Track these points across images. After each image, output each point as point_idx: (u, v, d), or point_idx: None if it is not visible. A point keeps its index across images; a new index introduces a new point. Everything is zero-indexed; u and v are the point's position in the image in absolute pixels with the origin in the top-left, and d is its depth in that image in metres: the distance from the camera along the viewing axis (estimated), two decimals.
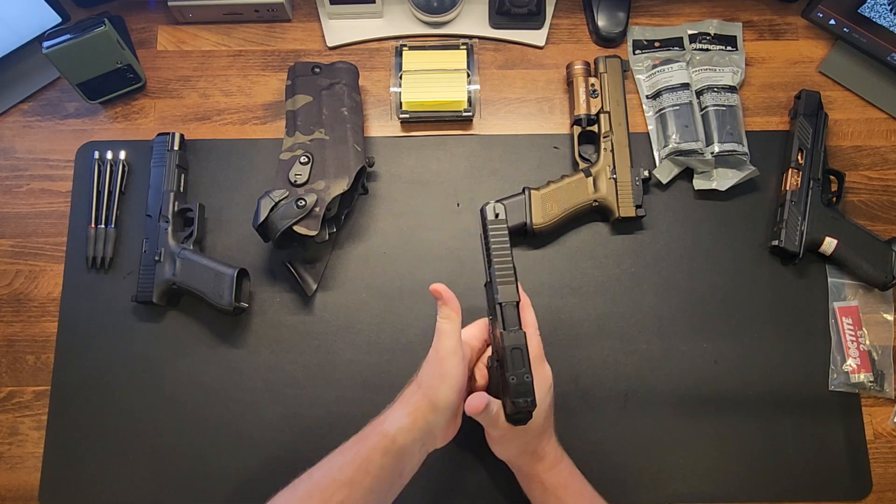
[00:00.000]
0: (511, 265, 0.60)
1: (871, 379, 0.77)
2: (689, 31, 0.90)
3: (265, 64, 0.89)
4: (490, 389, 0.63)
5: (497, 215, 0.61)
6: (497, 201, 0.62)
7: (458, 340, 0.60)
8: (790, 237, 0.79)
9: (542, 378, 0.62)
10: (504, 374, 0.56)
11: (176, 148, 0.82)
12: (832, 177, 0.83)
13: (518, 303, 0.58)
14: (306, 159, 0.77)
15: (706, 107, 0.84)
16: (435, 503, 0.74)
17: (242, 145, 0.86)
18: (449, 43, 0.88)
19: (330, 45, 0.90)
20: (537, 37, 0.90)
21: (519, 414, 0.57)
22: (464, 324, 0.63)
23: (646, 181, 0.82)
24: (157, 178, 0.82)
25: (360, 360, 0.78)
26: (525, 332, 0.57)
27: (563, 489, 0.64)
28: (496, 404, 0.59)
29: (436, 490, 0.74)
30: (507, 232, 0.61)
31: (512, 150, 0.86)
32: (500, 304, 0.58)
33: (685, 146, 0.81)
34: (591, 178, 0.81)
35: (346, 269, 0.81)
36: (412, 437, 0.58)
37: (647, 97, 0.87)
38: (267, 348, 0.79)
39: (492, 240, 0.60)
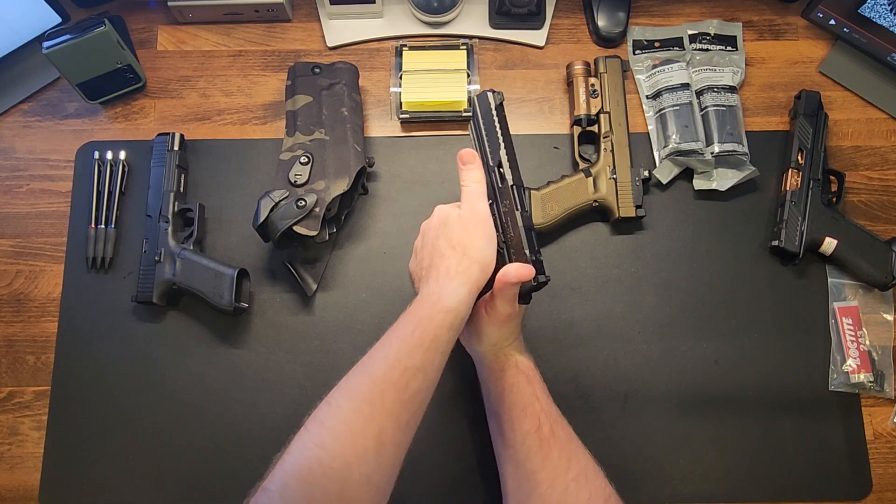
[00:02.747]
0: (513, 150, 0.64)
1: (871, 379, 0.77)
2: (689, 32, 0.90)
3: (265, 64, 0.89)
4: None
5: (500, 103, 0.65)
6: (492, 91, 0.66)
7: (486, 205, 0.61)
8: (790, 237, 0.79)
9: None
10: (521, 252, 0.60)
11: (176, 148, 0.82)
12: (832, 177, 0.83)
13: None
14: (306, 159, 0.77)
15: (706, 107, 0.84)
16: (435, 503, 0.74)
17: (242, 145, 0.86)
18: (449, 43, 0.88)
19: (330, 45, 0.90)
20: (537, 37, 0.90)
21: (534, 290, 0.61)
22: None
23: (646, 181, 0.82)
24: (157, 179, 0.82)
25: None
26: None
27: (532, 372, 0.66)
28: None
29: (436, 490, 0.74)
30: (505, 118, 0.65)
31: None
32: (513, 185, 0.63)
33: (685, 146, 0.81)
34: (591, 179, 0.81)
35: (346, 269, 0.81)
36: (470, 306, 0.58)
37: (647, 97, 0.87)
38: (267, 348, 0.79)
39: (498, 124, 0.64)
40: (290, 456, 0.51)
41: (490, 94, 0.66)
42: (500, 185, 0.64)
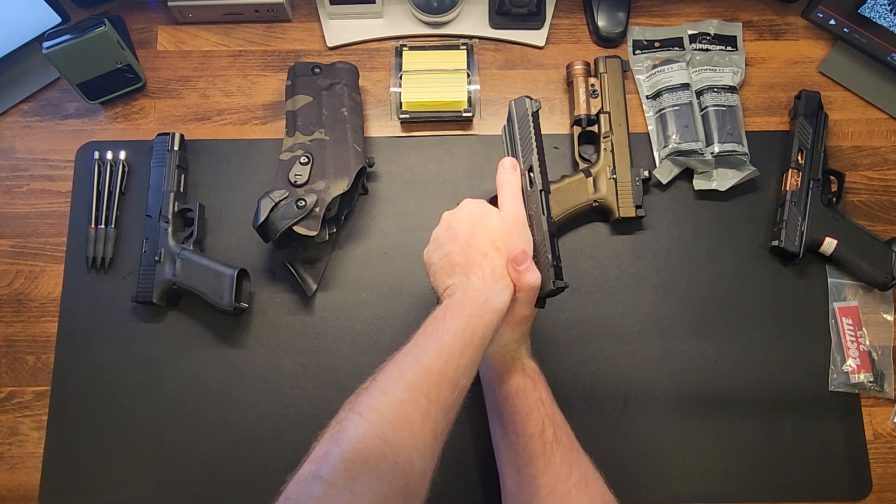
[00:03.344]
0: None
1: (871, 379, 0.77)
2: (689, 32, 0.89)
3: (265, 64, 0.89)
4: None
5: (537, 110, 0.67)
6: (530, 98, 0.67)
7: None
8: (790, 237, 0.79)
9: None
10: (544, 257, 0.61)
11: (176, 148, 0.82)
12: (832, 177, 0.83)
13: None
14: (306, 159, 0.77)
15: (706, 107, 0.84)
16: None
17: (242, 145, 0.86)
18: (449, 43, 0.88)
19: (330, 45, 0.90)
20: (537, 37, 0.90)
21: (551, 295, 0.62)
22: None
23: (646, 181, 0.82)
24: (157, 179, 0.82)
25: (360, 360, 0.78)
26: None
27: (539, 376, 0.67)
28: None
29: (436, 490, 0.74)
30: (539, 125, 0.66)
31: None
32: (542, 191, 0.64)
33: (685, 146, 0.81)
34: (591, 179, 0.81)
35: (346, 269, 0.81)
36: (504, 308, 0.58)
37: (647, 97, 0.87)
38: (267, 348, 0.79)
39: (533, 130, 0.66)
40: (350, 445, 0.47)
41: (528, 101, 0.67)
42: (528, 189, 0.65)
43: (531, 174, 0.65)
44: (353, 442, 0.47)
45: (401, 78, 0.85)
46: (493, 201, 0.64)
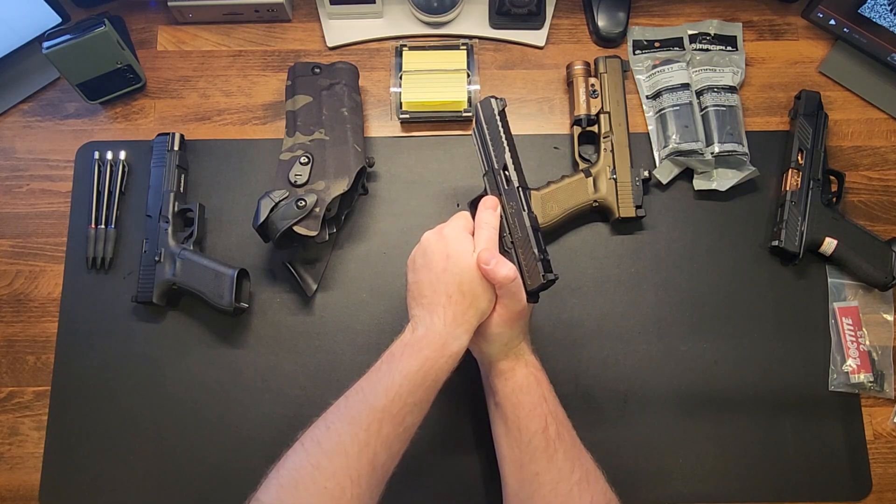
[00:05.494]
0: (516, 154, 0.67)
1: (871, 379, 0.77)
2: (689, 32, 0.90)
3: (265, 64, 0.89)
4: None
5: (503, 108, 0.68)
6: (495, 98, 0.68)
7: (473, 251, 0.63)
8: (790, 237, 0.79)
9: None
10: (530, 252, 0.63)
11: (176, 148, 0.82)
12: (832, 177, 0.83)
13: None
14: (306, 160, 0.77)
15: (706, 107, 0.84)
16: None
17: (242, 145, 0.86)
18: (449, 43, 0.88)
19: (330, 45, 0.90)
20: (537, 37, 0.90)
21: (542, 289, 0.63)
22: None
23: (646, 181, 0.82)
24: (157, 179, 0.82)
25: (360, 360, 0.77)
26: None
27: (541, 373, 0.67)
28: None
29: (436, 490, 0.74)
30: (507, 123, 0.68)
31: None
32: (519, 187, 0.65)
33: (685, 146, 0.81)
34: (591, 179, 0.81)
35: (346, 269, 0.81)
36: (462, 351, 0.61)
37: (647, 97, 0.87)
38: (267, 348, 0.79)
39: (502, 128, 0.67)
40: (286, 471, 0.54)
41: (493, 101, 0.68)
42: (506, 188, 0.66)
43: (506, 172, 0.66)
44: (290, 469, 0.54)
45: (401, 78, 0.85)
46: (477, 201, 0.67)
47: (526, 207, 0.65)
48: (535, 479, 0.61)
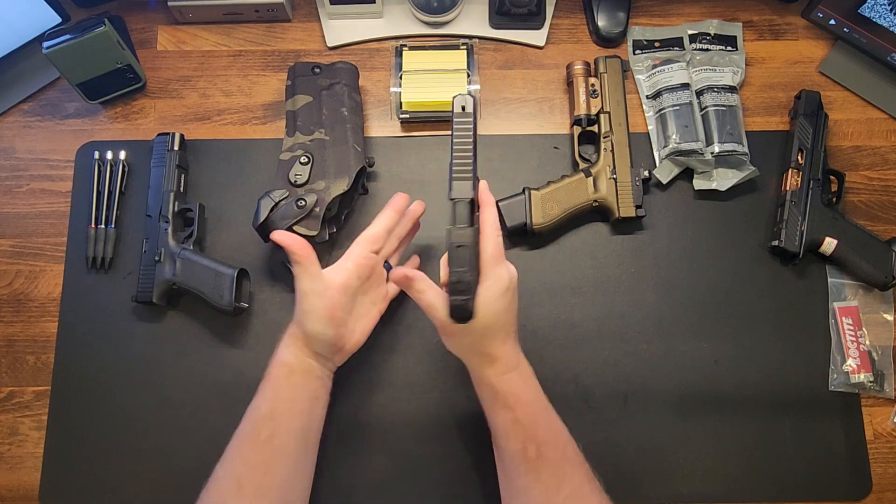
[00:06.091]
0: (471, 161, 0.59)
1: (871, 379, 0.77)
2: (689, 32, 0.90)
3: (265, 64, 0.89)
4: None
5: (463, 108, 0.60)
6: (469, 94, 0.62)
7: (313, 280, 0.65)
8: (790, 237, 0.79)
9: (496, 279, 0.59)
10: (454, 269, 0.57)
11: (176, 148, 0.82)
12: (832, 177, 0.83)
13: (472, 200, 0.58)
14: (306, 159, 0.77)
15: (706, 107, 0.84)
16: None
17: (242, 145, 0.86)
18: (449, 43, 0.88)
19: (330, 45, 0.90)
20: (537, 37, 0.90)
21: (456, 312, 0.57)
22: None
23: (646, 181, 0.82)
24: (157, 179, 0.82)
25: (358, 359, 0.78)
26: (474, 229, 0.57)
27: (514, 396, 0.62)
28: (425, 283, 0.61)
29: (436, 490, 0.74)
30: (472, 127, 0.60)
31: (512, 150, 0.86)
32: (452, 199, 0.58)
33: (685, 146, 0.81)
34: (591, 179, 0.81)
35: None
36: (306, 360, 0.66)
37: (647, 97, 0.87)
38: (267, 348, 0.78)
39: (455, 133, 0.60)
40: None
41: (456, 99, 0.63)
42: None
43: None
44: None
45: (401, 78, 0.85)
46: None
47: (453, 221, 0.58)
48: (525, 493, 0.61)
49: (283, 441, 0.63)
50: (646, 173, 0.81)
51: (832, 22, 0.85)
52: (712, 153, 0.82)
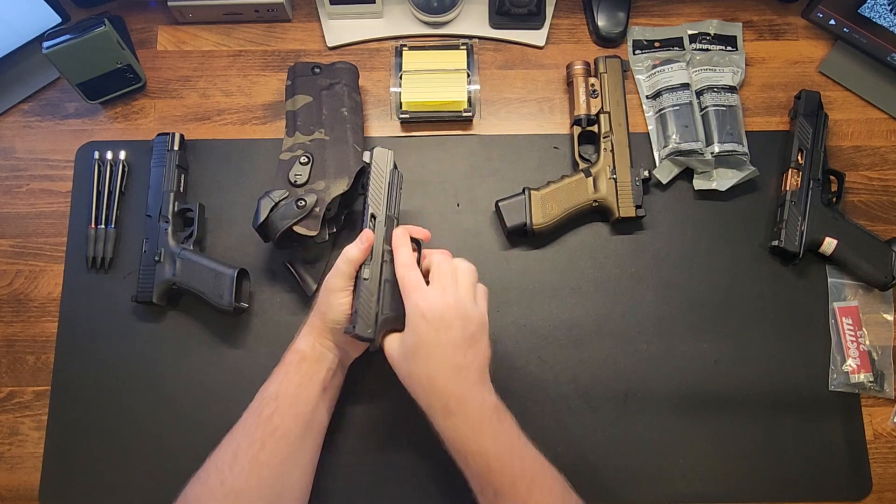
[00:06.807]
0: (383, 198, 0.69)
1: (871, 379, 0.77)
2: (689, 32, 0.90)
3: (265, 64, 0.89)
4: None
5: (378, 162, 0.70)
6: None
7: (342, 279, 0.65)
8: (790, 237, 0.79)
9: (410, 307, 0.61)
10: (372, 302, 0.64)
11: (176, 148, 0.82)
12: (832, 177, 0.83)
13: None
14: (306, 159, 0.77)
15: (706, 107, 0.84)
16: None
17: (242, 145, 0.86)
18: (449, 43, 0.88)
19: (330, 45, 0.90)
20: (537, 37, 0.90)
21: (362, 340, 0.63)
22: None
23: (646, 181, 0.82)
24: (157, 179, 0.82)
25: (359, 359, 0.78)
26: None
27: (459, 444, 0.60)
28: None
29: (436, 490, 0.74)
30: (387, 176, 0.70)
31: (512, 150, 0.86)
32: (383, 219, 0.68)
33: (685, 146, 0.81)
34: (591, 179, 0.81)
35: None
36: (321, 349, 0.67)
37: (647, 97, 0.87)
38: (267, 348, 0.79)
39: (371, 182, 0.69)
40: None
41: (365, 155, 0.71)
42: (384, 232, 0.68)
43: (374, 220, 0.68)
44: None
45: (401, 78, 0.85)
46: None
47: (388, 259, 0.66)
48: None
49: (282, 421, 0.64)
50: (646, 173, 0.81)
51: (832, 22, 0.85)
52: (712, 153, 0.82)
